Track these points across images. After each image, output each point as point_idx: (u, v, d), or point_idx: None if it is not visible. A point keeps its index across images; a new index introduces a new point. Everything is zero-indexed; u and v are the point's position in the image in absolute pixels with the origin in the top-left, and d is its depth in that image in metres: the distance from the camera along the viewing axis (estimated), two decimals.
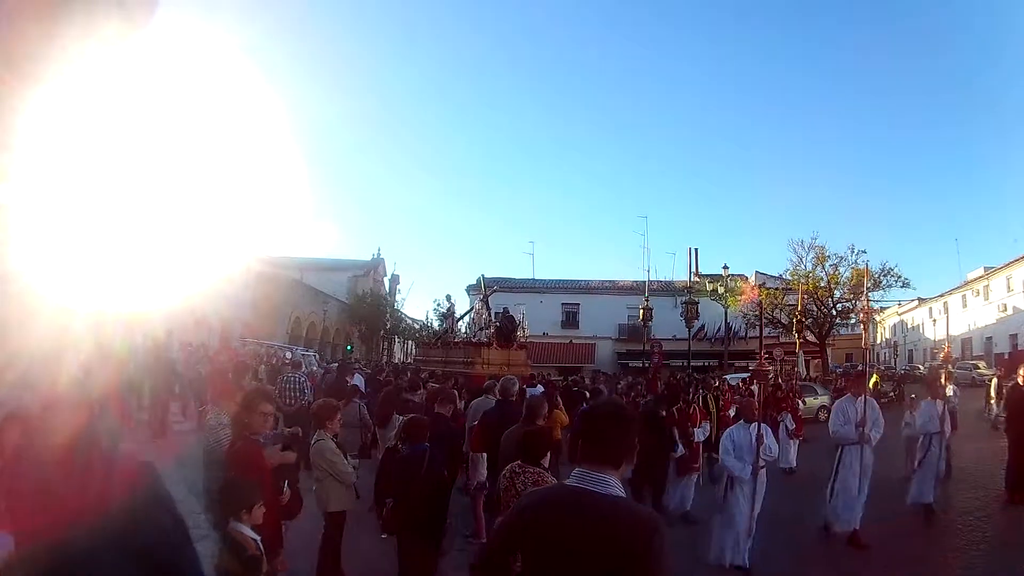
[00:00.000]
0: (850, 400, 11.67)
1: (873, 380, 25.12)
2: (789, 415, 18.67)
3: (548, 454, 6.58)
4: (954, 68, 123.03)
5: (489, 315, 34.50)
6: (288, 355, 30.55)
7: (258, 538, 5.24)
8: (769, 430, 11.64)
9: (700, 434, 13.53)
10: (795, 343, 46.41)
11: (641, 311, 46.49)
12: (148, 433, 17.52)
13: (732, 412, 18.24)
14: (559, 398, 16.06)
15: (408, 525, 7.24)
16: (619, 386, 29.94)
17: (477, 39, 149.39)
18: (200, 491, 7.63)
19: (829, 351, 54.23)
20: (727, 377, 31.98)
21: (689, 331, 13.51)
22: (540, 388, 19.80)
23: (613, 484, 2.98)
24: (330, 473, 8.14)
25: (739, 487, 9.62)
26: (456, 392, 13.59)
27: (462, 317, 39.68)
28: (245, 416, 6.48)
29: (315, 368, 27.04)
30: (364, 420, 13.32)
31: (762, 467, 9.54)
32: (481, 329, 34.12)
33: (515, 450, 6.82)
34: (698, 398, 15.90)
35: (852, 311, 46.24)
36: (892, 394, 34.03)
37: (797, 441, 18.83)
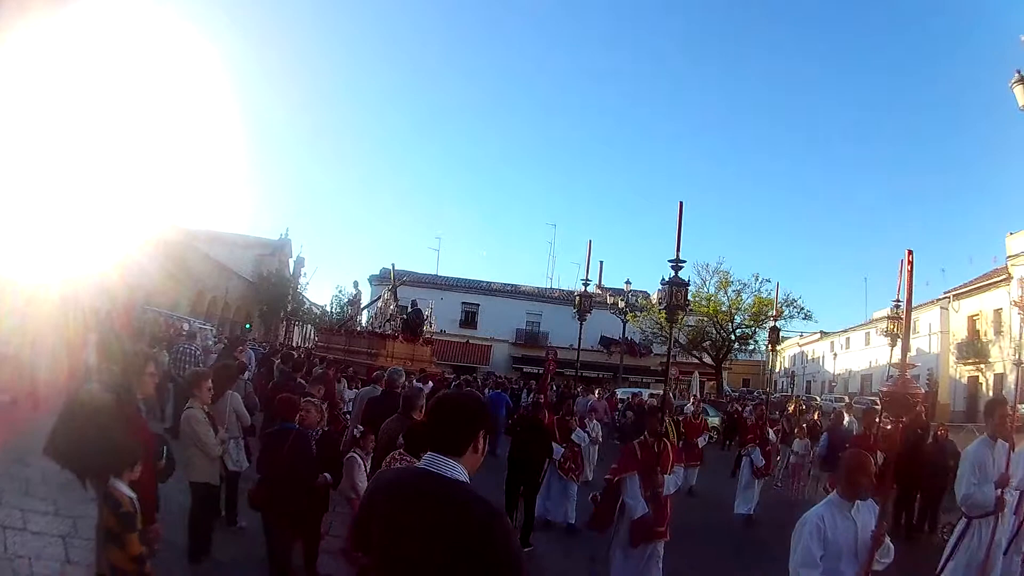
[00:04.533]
0: (986, 445, 8.03)
1: (792, 407, 25.63)
2: (757, 448, 16.00)
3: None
4: (882, 116, 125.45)
5: (396, 307, 34.37)
6: (186, 327, 30.24)
7: (134, 496, 5.27)
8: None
9: (672, 483, 9.64)
10: (691, 363, 47.13)
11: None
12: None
13: (702, 441, 18.97)
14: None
15: (270, 503, 7.34)
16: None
17: (406, 28, 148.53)
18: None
19: (725, 374, 55.17)
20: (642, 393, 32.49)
21: (580, 327, 12.90)
22: (431, 384, 20.04)
23: (460, 471, 3.08)
24: (196, 444, 8.08)
25: None
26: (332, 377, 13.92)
27: (367, 307, 39.47)
28: (131, 378, 6.42)
29: (210, 342, 26.65)
30: (248, 397, 12.68)
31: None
32: (387, 320, 33.97)
33: (389, 440, 6.99)
34: (666, 427, 10.66)
35: (751, 338, 47.25)
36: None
37: (761, 481, 15.84)
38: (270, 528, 7.47)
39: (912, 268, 6.40)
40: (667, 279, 10.36)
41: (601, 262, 55.06)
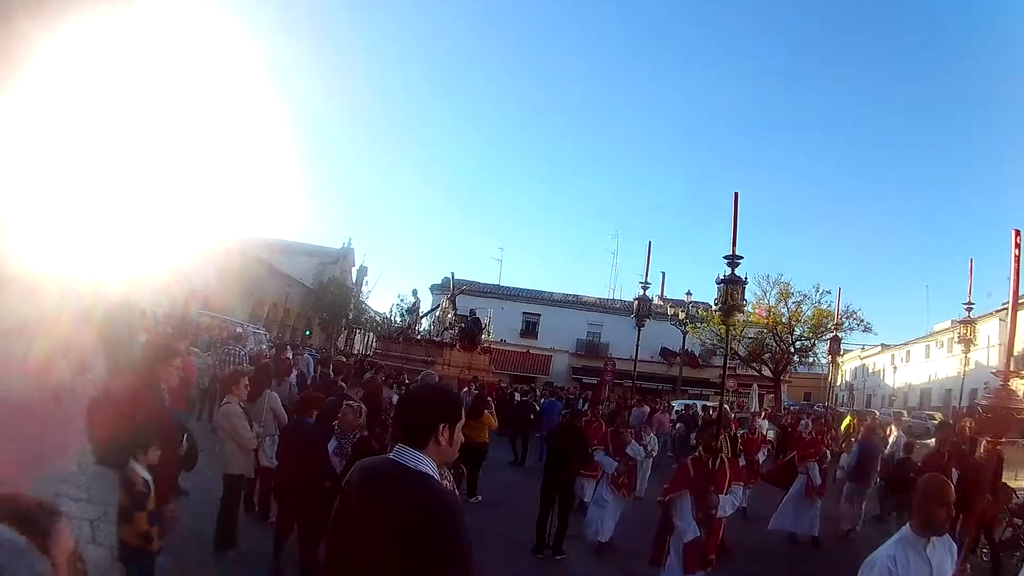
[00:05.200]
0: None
1: (846, 423, 24.88)
2: (816, 464, 14.19)
3: None
4: (938, 125, 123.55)
5: (454, 315, 34.38)
6: (238, 330, 30.57)
7: (149, 478, 5.63)
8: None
9: (728, 504, 8.68)
10: (750, 376, 46.65)
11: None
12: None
13: (761, 456, 16.59)
14: (492, 401, 16.34)
15: (282, 491, 7.67)
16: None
17: (471, 42, 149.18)
18: None
19: (784, 387, 54.53)
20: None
21: (638, 333, 12.48)
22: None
23: (426, 463, 3.13)
24: (231, 436, 8.35)
25: None
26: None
27: (426, 314, 39.58)
28: (159, 367, 6.71)
29: (263, 346, 27.03)
30: (293, 399, 13.06)
31: None
32: (446, 328, 34.00)
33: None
34: (723, 442, 9.47)
35: (810, 350, 46.63)
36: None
37: (818, 502, 13.97)
38: (279, 513, 7.87)
39: (1020, 251, 6.08)
40: (723, 276, 9.39)
41: (663, 273, 55.09)
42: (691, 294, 45.25)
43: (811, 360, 49.88)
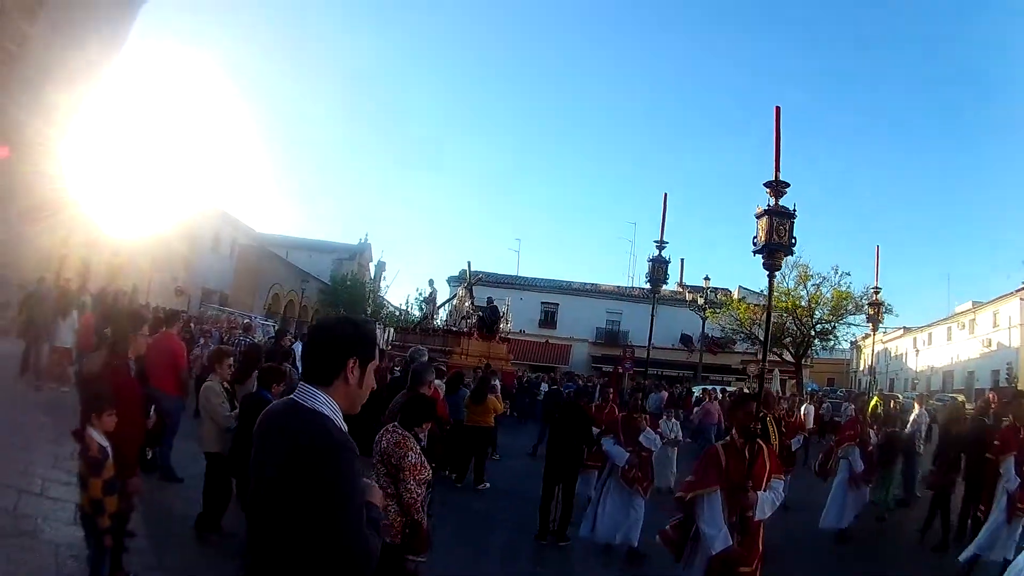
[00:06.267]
0: None
1: (872, 403, 24.29)
2: (857, 449, 12.85)
3: (428, 424, 6.49)
4: (954, 103, 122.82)
5: (472, 304, 34.16)
6: (246, 321, 31.07)
7: (106, 445, 5.72)
8: None
9: (768, 503, 6.42)
10: (771, 361, 46.21)
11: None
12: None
13: (796, 443, 14.67)
14: (497, 385, 16.13)
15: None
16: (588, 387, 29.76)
17: (482, 34, 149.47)
18: None
19: (807, 372, 54.08)
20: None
21: (654, 302, 11.62)
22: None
23: (323, 401, 2.89)
24: (210, 414, 8.36)
25: None
26: None
27: (443, 304, 39.39)
28: (129, 340, 6.84)
29: (271, 337, 27.20)
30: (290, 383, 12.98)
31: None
32: (463, 318, 33.79)
33: (392, 415, 6.89)
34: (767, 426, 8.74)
35: (831, 333, 46.12)
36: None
37: (862, 491, 13.01)
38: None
39: None
40: (766, 206, 6.76)
41: (682, 259, 54.62)
42: (709, 279, 44.90)
43: (832, 344, 49.30)
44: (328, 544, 2.64)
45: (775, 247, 6.74)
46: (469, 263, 39.35)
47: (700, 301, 42.37)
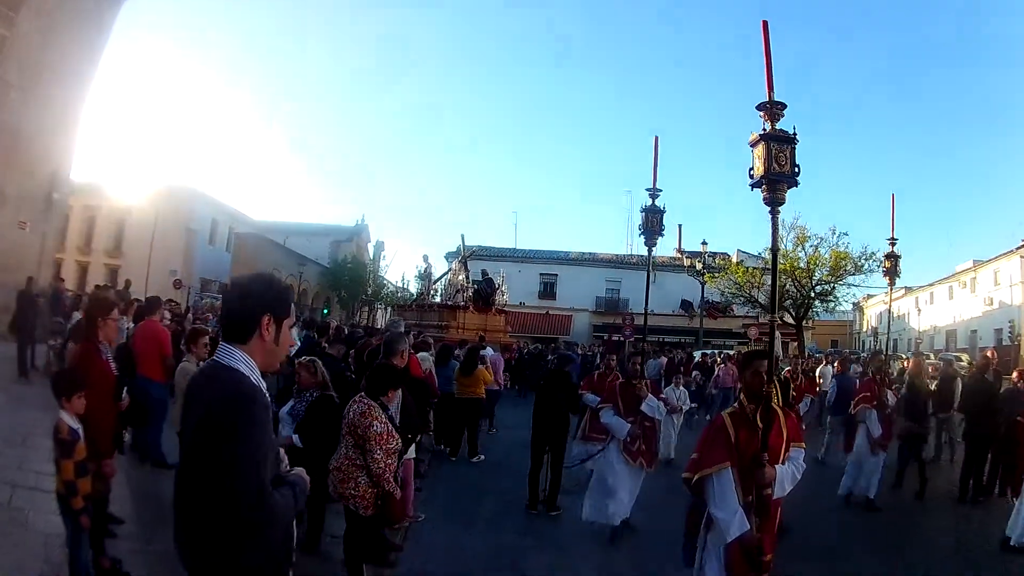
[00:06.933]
0: None
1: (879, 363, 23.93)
2: (874, 412, 12.09)
3: (396, 392, 6.51)
4: (956, 71, 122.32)
5: (467, 278, 34.07)
6: None
7: (77, 427, 5.74)
8: None
9: (788, 478, 5.50)
10: (771, 324, 45.88)
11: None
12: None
13: (803, 407, 14.82)
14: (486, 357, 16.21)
15: None
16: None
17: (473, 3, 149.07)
18: None
19: (808, 334, 53.94)
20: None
21: (649, 255, 11.11)
22: (490, 351, 19.82)
23: (239, 359, 2.96)
24: (182, 395, 8.20)
25: None
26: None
27: (439, 279, 39.35)
28: (99, 323, 6.69)
29: None
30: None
31: None
32: (458, 291, 33.73)
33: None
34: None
35: (831, 293, 45.89)
36: None
37: (881, 457, 12.13)
38: None
39: None
40: (762, 131, 5.49)
41: (679, 225, 54.63)
42: (707, 244, 44.81)
43: (833, 305, 49.08)
44: (219, 490, 2.67)
45: (776, 177, 5.43)
46: (463, 236, 39.29)
47: (698, 266, 42.31)
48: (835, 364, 19.65)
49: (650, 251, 9.36)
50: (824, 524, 10.80)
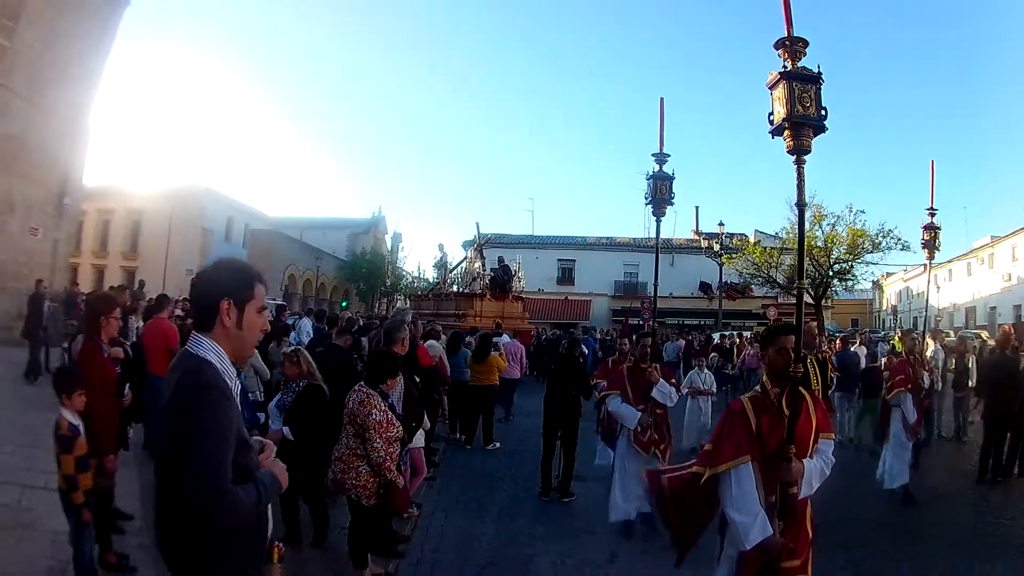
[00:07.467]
0: None
1: (894, 341, 23.66)
2: (910, 396, 10.97)
3: (396, 380, 6.48)
4: (969, 37, 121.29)
5: (483, 265, 34.01)
6: None
7: (77, 423, 5.82)
8: None
9: (816, 473, 4.67)
10: (791, 304, 45.57)
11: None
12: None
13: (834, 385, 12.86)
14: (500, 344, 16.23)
15: None
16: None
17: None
18: None
19: (828, 313, 53.67)
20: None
21: (658, 228, 10.57)
22: (506, 338, 19.74)
23: (208, 348, 2.96)
24: None
25: None
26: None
27: (455, 268, 39.29)
28: (102, 321, 6.74)
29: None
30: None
31: None
32: (474, 279, 33.69)
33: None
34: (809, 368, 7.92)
35: (849, 272, 45.54)
36: None
37: (911, 443, 11.15)
38: None
39: None
40: (782, 70, 4.63)
41: (696, 207, 54.47)
42: (724, 225, 44.68)
43: (852, 284, 48.73)
44: (174, 476, 2.68)
45: (800, 120, 4.56)
46: (478, 224, 39.22)
47: (716, 247, 42.18)
48: (836, 343, 19.24)
49: (659, 222, 8.46)
50: (850, 513, 9.85)
